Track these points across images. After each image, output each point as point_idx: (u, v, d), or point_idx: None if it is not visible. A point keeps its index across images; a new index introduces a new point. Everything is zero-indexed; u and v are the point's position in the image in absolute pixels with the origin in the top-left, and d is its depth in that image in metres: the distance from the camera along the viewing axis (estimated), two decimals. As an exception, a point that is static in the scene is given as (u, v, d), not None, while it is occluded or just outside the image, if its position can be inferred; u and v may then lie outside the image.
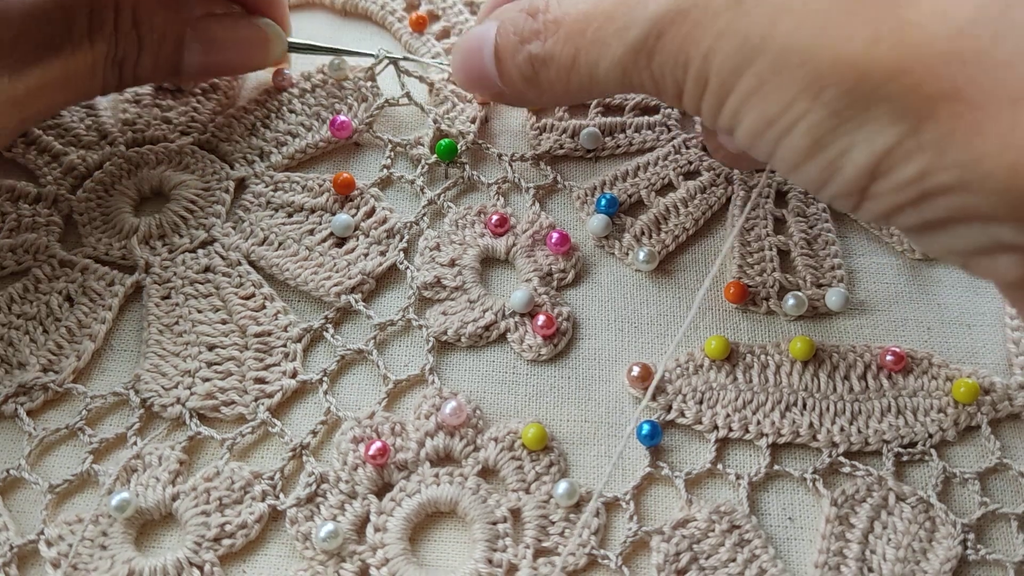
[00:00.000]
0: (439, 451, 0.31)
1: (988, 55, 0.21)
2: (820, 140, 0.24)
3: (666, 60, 0.27)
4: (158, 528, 0.30)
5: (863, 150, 0.24)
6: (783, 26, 0.24)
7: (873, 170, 0.24)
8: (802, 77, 0.24)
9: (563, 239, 0.35)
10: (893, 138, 0.23)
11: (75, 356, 0.33)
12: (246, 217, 0.36)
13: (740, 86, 0.25)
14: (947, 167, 0.22)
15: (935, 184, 0.23)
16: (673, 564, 0.29)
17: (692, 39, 0.26)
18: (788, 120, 0.24)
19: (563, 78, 0.30)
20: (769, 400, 0.32)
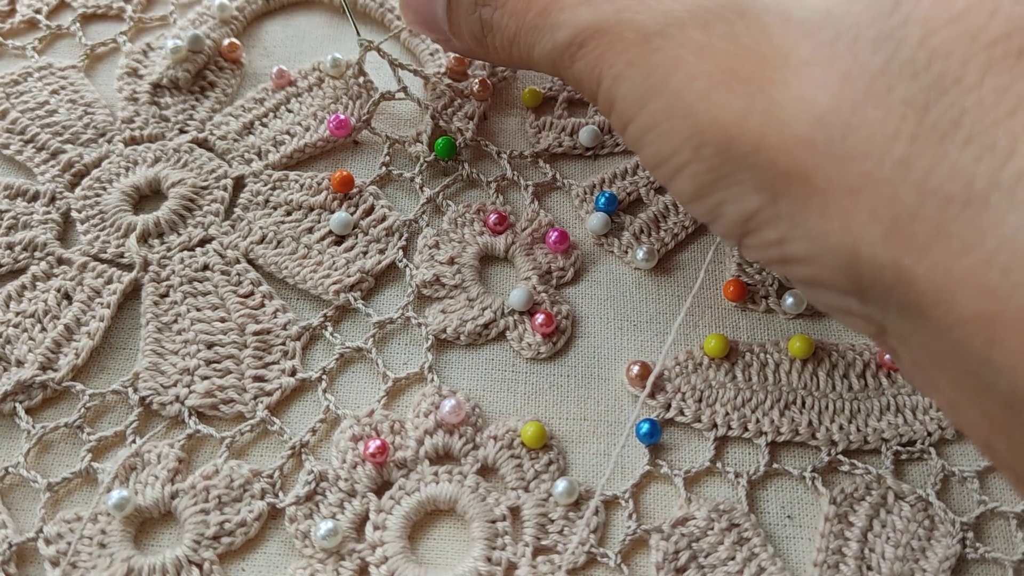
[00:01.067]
0: (438, 449, 0.31)
1: (836, 145, 0.22)
2: (701, 189, 0.26)
3: (583, 69, 0.28)
4: (157, 526, 0.30)
5: (734, 207, 0.25)
6: (676, 77, 0.25)
7: (744, 225, 0.25)
8: (686, 128, 0.25)
9: (562, 237, 0.35)
10: (756, 203, 0.24)
11: (73, 354, 0.33)
12: (244, 215, 0.36)
13: (639, 119, 0.27)
14: (799, 239, 0.24)
15: (790, 252, 0.24)
16: (672, 562, 0.29)
17: (606, 59, 0.27)
18: (675, 164, 0.26)
19: (506, 48, 0.31)
20: (768, 398, 0.32)
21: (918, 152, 0.21)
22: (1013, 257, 0.20)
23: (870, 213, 0.22)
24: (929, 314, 0.21)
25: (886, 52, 0.22)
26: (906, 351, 0.24)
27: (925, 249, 0.21)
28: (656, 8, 0.26)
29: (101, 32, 0.41)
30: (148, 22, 0.42)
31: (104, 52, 0.41)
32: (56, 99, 0.39)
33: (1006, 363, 0.20)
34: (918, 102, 0.22)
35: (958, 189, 0.21)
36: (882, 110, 0.22)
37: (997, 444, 0.23)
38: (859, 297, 0.23)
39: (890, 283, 0.22)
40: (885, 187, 0.22)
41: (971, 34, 0.22)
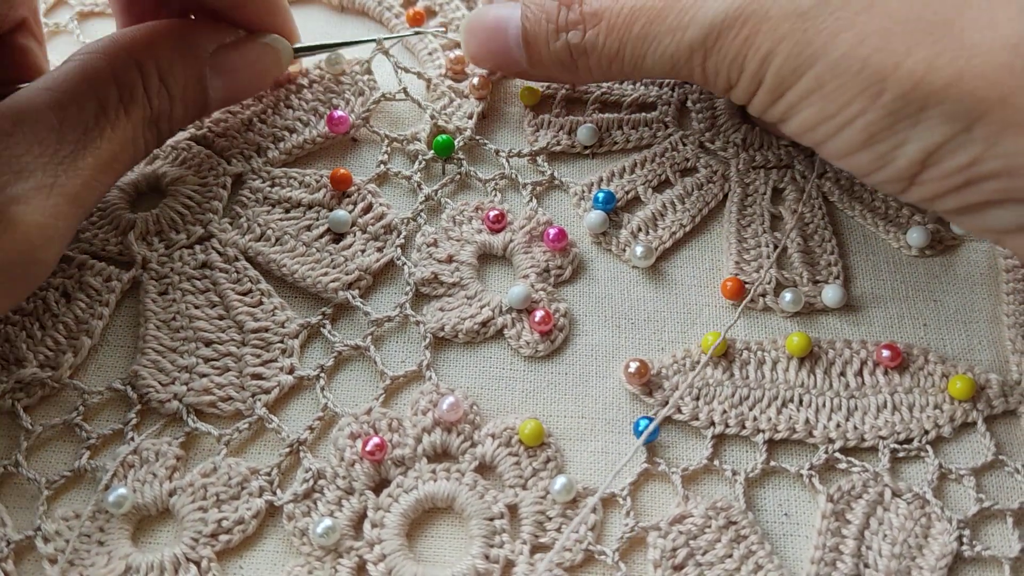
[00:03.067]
0: (436, 447, 0.31)
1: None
2: (875, 136, 0.28)
3: (721, 60, 0.30)
4: (155, 524, 0.30)
5: (915, 145, 0.27)
6: (844, 38, 0.27)
7: (924, 160, 0.28)
8: (861, 82, 0.27)
9: (560, 235, 0.35)
10: (946, 134, 0.27)
11: (72, 352, 0.33)
12: (243, 213, 0.36)
13: (799, 85, 0.29)
14: (996, 156, 0.26)
15: (983, 171, 0.27)
16: (670, 560, 0.29)
17: (750, 43, 0.29)
18: (845, 117, 0.28)
19: (603, 66, 0.33)
20: (765, 396, 0.32)
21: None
22: None
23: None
24: None
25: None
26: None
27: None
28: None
29: (99, 30, 0.41)
30: (146, 20, 0.42)
31: (102, 50, 0.41)
32: (54, 97, 0.39)
33: None
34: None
35: None
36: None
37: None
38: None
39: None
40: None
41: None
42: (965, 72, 0.26)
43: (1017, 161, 0.26)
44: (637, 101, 0.39)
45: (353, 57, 0.39)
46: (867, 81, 0.27)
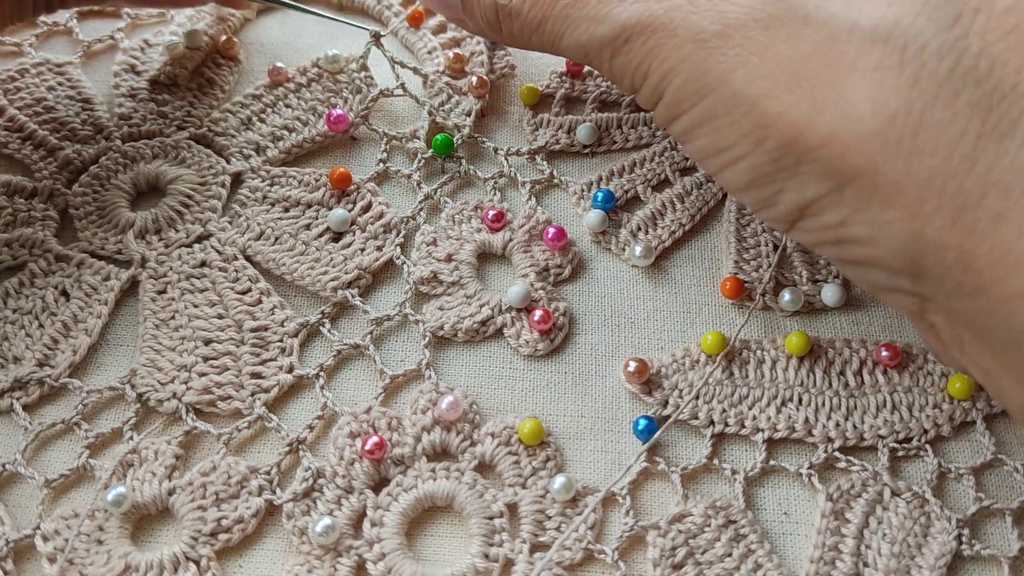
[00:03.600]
0: (436, 446, 0.31)
1: (907, 142, 0.25)
2: (758, 179, 0.28)
3: (627, 62, 0.30)
4: (154, 523, 0.30)
5: (793, 195, 0.27)
6: (738, 75, 0.27)
7: (801, 211, 0.27)
8: (748, 124, 0.27)
9: (559, 234, 0.35)
10: (820, 191, 0.26)
11: (71, 351, 0.33)
12: (242, 212, 0.36)
13: (692, 113, 0.28)
14: (862, 222, 0.26)
15: (851, 233, 0.26)
16: (669, 559, 0.29)
17: (655, 54, 0.29)
18: (732, 156, 0.28)
19: (525, 35, 0.33)
20: (765, 395, 0.32)
21: (982, 148, 0.24)
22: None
23: (937, 202, 0.24)
24: (985, 290, 0.24)
25: (951, 61, 0.24)
26: (948, 326, 0.26)
27: (987, 233, 0.24)
28: (711, 10, 0.28)
29: (98, 28, 0.41)
30: (145, 18, 0.42)
31: (101, 48, 0.41)
32: (54, 95, 0.39)
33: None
34: (982, 105, 0.24)
35: (1019, 180, 0.23)
36: (950, 111, 0.24)
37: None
38: (912, 276, 0.26)
39: (950, 263, 0.25)
40: (952, 179, 0.24)
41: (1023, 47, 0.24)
42: (840, 134, 0.25)
43: (882, 231, 0.25)
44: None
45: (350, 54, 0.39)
46: (753, 124, 0.27)
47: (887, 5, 0.26)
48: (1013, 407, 0.26)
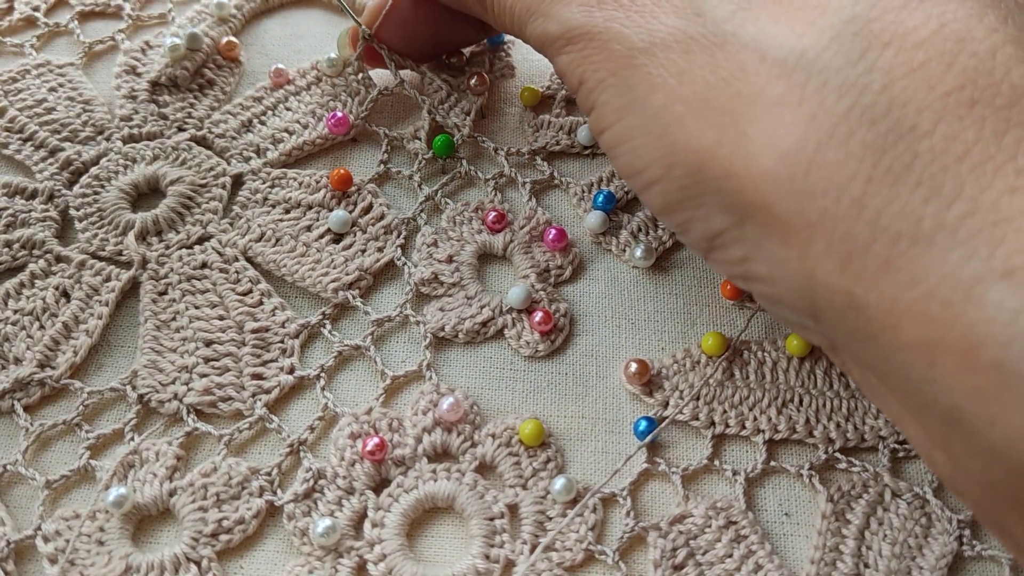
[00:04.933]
0: (436, 447, 0.31)
1: (797, 182, 0.24)
2: (669, 205, 0.27)
3: (568, 64, 0.29)
4: (155, 524, 0.30)
5: (701, 225, 0.27)
6: (656, 97, 0.26)
7: (710, 242, 0.27)
8: (660, 148, 0.26)
9: (560, 235, 0.35)
10: (722, 224, 0.26)
11: (72, 352, 0.33)
12: (243, 213, 0.36)
13: (615, 129, 0.28)
14: (761, 260, 0.25)
15: (753, 271, 0.26)
16: (670, 560, 0.29)
17: (591, 62, 0.28)
18: (646, 179, 0.27)
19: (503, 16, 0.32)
20: (766, 396, 0.32)
21: (872, 192, 0.23)
22: (953, 291, 0.22)
23: (826, 245, 0.23)
24: (877, 338, 0.23)
25: (850, 98, 0.23)
26: (856, 367, 0.26)
27: (875, 281, 0.23)
28: (643, 26, 0.27)
29: (99, 30, 0.41)
30: (146, 20, 0.42)
31: (102, 50, 0.41)
32: (54, 97, 0.39)
33: (944, 384, 0.22)
34: (876, 146, 0.23)
35: (907, 228, 0.22)
36: (842, 152, 0.23)
37: (938, 457, 0.24)
38: (813, 317, 0.25)
39: (842, 308, 0.24)
40: (841, 223, 0.23)
41: (929, 84, 0.23)
42: (737, 169, 0.25)
43: (780, 270, 0.25)
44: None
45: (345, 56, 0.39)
46: (664, 150, 0.26)
47: (798, 36, 0.25)
48: (921, 453, 0.25)
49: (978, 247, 0.22)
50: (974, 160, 0.22)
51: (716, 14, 0.26)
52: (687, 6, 0.27)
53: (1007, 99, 0.23)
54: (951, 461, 0.23)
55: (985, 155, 0.22)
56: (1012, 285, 0.21)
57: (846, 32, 0.24)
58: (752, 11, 0.26)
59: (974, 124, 0.23)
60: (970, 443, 0.22)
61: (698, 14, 0.26)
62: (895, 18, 0.24)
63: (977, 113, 0.23)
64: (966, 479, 0.23)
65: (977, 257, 0.21)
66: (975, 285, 0.21)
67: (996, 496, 0.22)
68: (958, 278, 0.22)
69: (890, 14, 0.24)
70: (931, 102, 0.23)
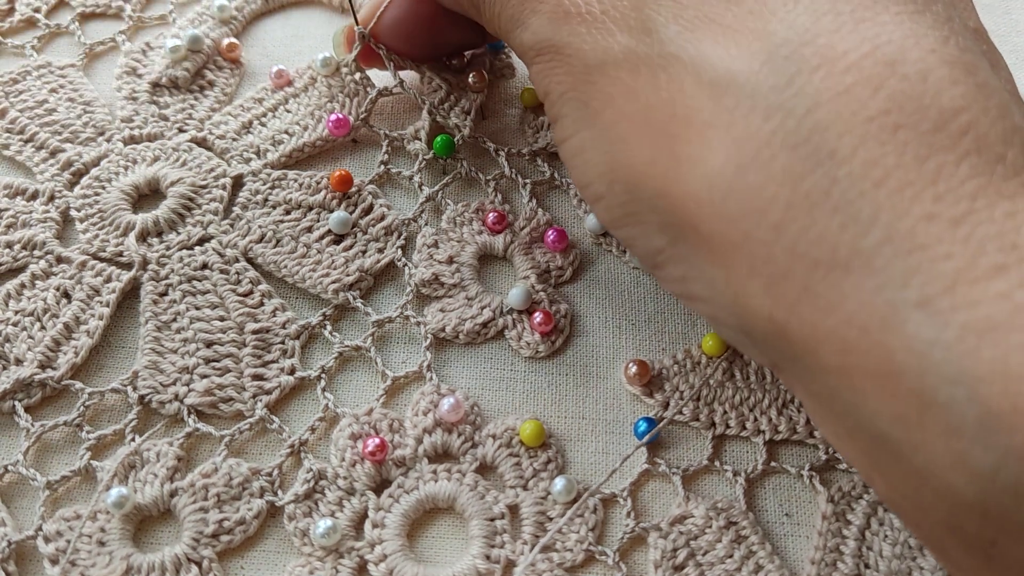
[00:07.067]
0: (437, 448, 0.31)
1: (719, 205, 0.24)
2: (614, 221, 0.27)
3: (536, 75, 0.29)
4: (156, 524, 0.30)
5: (642, 243, 0.27)
6: (606, 114, 0.27)
7: (652, 259, 0.27)
8: (603, 164, 0.27)
9: (561, 236, 0.35)
10: (661, 243, 0.26)
11: (73, 352, 0.33)
12: (243, 214, 0.36)
13: (571, 141, 0.28)
14: (696, 279, 0.25)
15: (691, 290, 0.26)
16: (670, 560, 0.29)
17: (555, 75, 0.28)
18: (592, 193, 0.28)
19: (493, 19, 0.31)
20: (766, 397, 0.32)
21: (791, 218, 0.23)
22: (870, 318, 0.22)
23: (749, 268, 0.24)
24: (802, 360, 0.23)
25: (775, 122, 0.23)
26: (796, 390, 0.26)
27: (795, 306, 0.23)
28: (599, 43, 0.27)
29: (100, 31, 0.41)
30: (147, 21, 0.42)
31: (103, 51, 0.41)
32: (55, 98, 0.39)
33: (867, 409, 0.22)
34: (796, 171, 0.23)
35: (824, 254, 0.22)
36: (763, 176, 0.23)
37: (875, 478, 0.24)
38: (748, 337, 0.25)
39: (768, 332, 0.24)
40: (761, 247, 0.23)
41: (852, 109, 0.23)
42: (668, 189, 0.25)
43: (711, 290, 0.25)
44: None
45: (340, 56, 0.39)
46: (607, 166, 0.26)
47: (732, 58, 0.25)
48: (863, 475, 0.25)
49: (893, 275, 0.21)
50: (892, 186, 0.22)
51: (663, 34, 0.26)
52: (639, 26, 0.27)
53: (933, 124, 0.22)
54: (886, 483, 0.23)
55: (904, 181, 0.22)
56: (927, 315, 0.21)
57: (778, 55, 0.24)
58: (696, 33, 0.26)
59: (895, 149, 0.22)
60: (900, 467, 0.22)
61: (647, 33, 0.26)
62: (828, 41, 0.24)
63: (900, 138, 0.22)
64: (903, 501, 0.23)
65: (892, 285, 0.21)
66: (891, 314, 0.21)
67: (931, 520, 0.22)
68: (874, 306, 0.22)
69: (823, 37, 0.24)
70: (853, 127, 0.23)
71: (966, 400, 0.20)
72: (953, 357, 0.20)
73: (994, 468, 0.20)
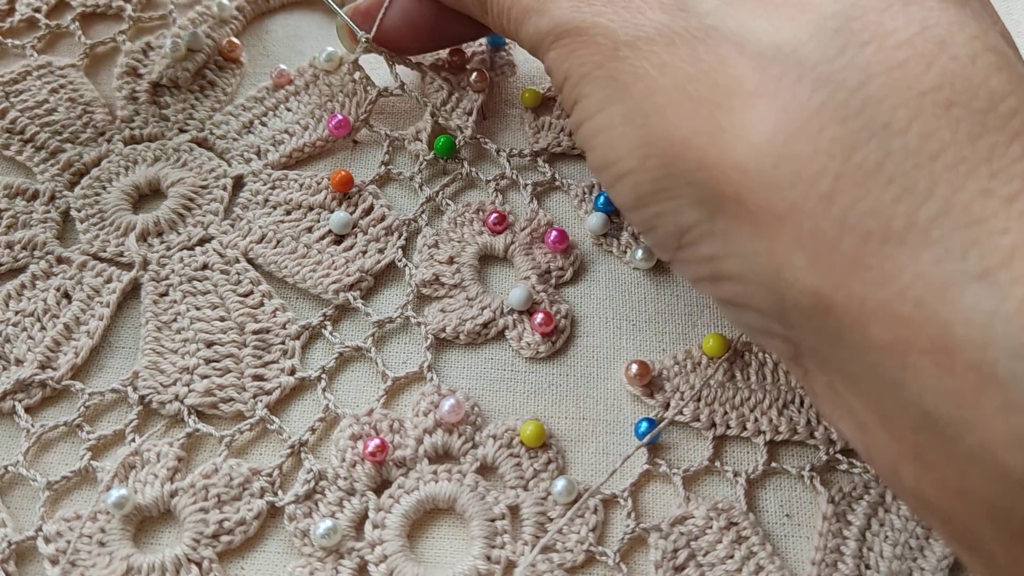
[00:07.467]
0: (437, 448, 0.31)
1: (766, 174, 0.23)
2: (641, 199, 0.27)
3: (555, 60, 0.29)
4: (156, 525, 0.30)
5: (671, 219, 0.26)
6: (638, 87, 0.26)
7: (679, 238, 0.26)
8: (638, 137, 0.26)
9: (561, 237, 0.35)
10: (694, 218, 0.25)
11: (73, 353, 0.33)
12: (244, 215, 0.36)
13: (596, 119, 0.27)
14: (731, 256, 0.25)
15: (722, 269, 0.25)
16: (671, 561, 0.29)
17: (576, 57, 0.28)
18: (619, 169, 0.27)
19: (500, 18, 0.31)
20: (767, 397, 0.32)
21: (841, 189, 0.22)
22: (926, 291, 0.21)
23: (794, 240, 0.23)
24: (846, 338, 0.23)
25: (824, 93, 0.23)
26: (821, 373, 0.25)
27: (844, 279, 0.22)
28: (628, 20, 0.27)
29: (100, 31, 0.41)
30: (148, 21, 0.42)
31: (103, 51, 0.41)
32: (55, 98, 0.39)
33: (917, 387, 0.22)
34: (847, 142, 0.23)
35: (877, 226, 0.22)
36: (812, 146, 0.23)
37: (904, 468, 0.23)
38: (780, 318, 0.24)
39: (809, 308, 0.23)
40: (808, 218, 0.23)
41: (906, 83, 0.23)
42: (710, 159, 0.24)
43: (750, 267, 0.24)
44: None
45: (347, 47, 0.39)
46: (642, 139, 0.26)
47: (777, 30, 0.25)
48: (884, 469, 0.25)
49: (951, 247, 0.21)
50: (948, 160, 0.22)
51: (700, 9, 0.26)
52: (673, 2, 0.27)
53: (984, 103, 0.23)
54: (922, 471, 0.23)
55: (959, 156, 0.22)
56: (987, 286, 0.21)
57: (826, 28, 0.24)
58: (735, 6, 0.26)
59: (949, 125, 0.22)
60: (945, 449, 0.22)
61: (682, 9, 0.26)
62: (877, 18, 0.24)
63: (953, 114, 0.22)
64: (938, 490, 0.23)
65: (950, 257, 0.21)
66: (949, 286, 0.21)
67: (972, 507, 0.22)
68: (931, 278, 0.21)
69: (872, 14, 0.24)
70: (907, 100, 0.23)
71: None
72: (1015, 330, 0.20)
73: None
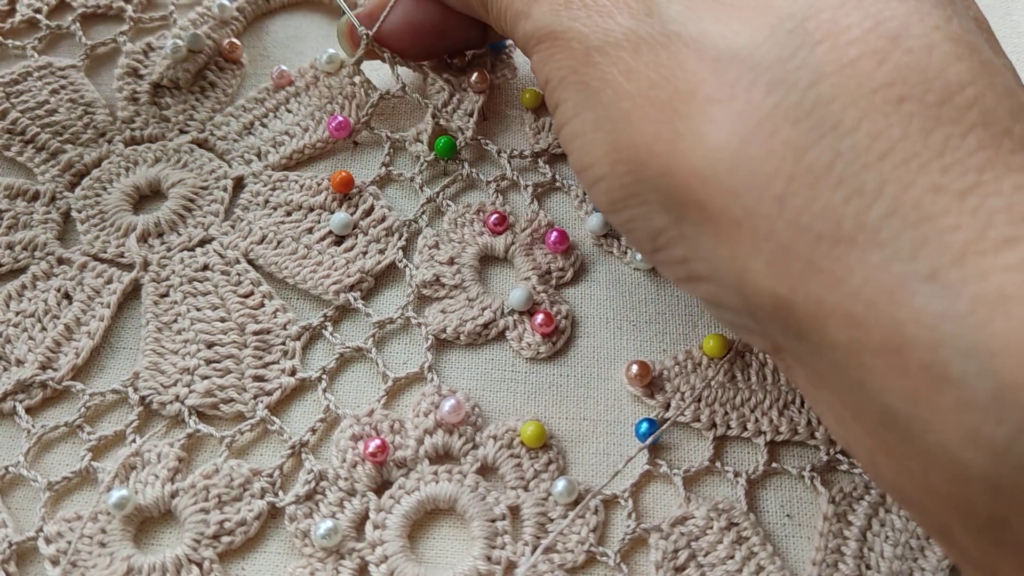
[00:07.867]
0: (438, 449, 0.31)
1: (722, 179, 0.23)
2: (614, 203, 0.27)
3: (537, 63, 0.29)
4: (157, 525, 0.30)
5: (643, 224, 0.26)
6: (607, 93, 0.26)
7: (653, 241, 0.27)
8: (606, 143, 0.26)
9: (562, 237, 0.35)
10: (663, 223, 0.26)
11: (73, 353, 0.33)
12: (244, 216, 0.36)
13: (571, 124, 0.28)
14: (700, 259, 0.25)
15: (694, 271, 0.26)
16: (671, 561, 0.29)
17: (555, 61, 0.28)
18: (593, 175, 0.27)
19: (499, 16, 0.31)
20: (767, 398, 0.32)
21: (793, 191, 0.22)
22: (876, 292, 0.21)
23: (752, 244, 0.23)
24: (809, 338, 0.23)
25: (778, 95, 0.23)
26: (800, 368, 0.25)
27: (800, 281, 0.22)
28: (600, 25, 0.27)
29: (101, 32, 0.41)
30: (148, 22, 0.42)
31: (104, 52, 0.41)
32: (56, 99, 0.39)
33: (876, 385, 0.22)
34: (798, 144, 0.23)
35: (828, 228, 0.22)
36: (765, 149, 0.23)
37: (880, 461, 0.24)
38: (751, 317, 0.25)
39: (772, 309, 0.23)
40: (763, 222, 0.23)
41: (857, 81, 0.23)
42: (672, 166, 0.24)
43: (716, 269, 0.24)
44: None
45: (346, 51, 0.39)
46: (610, 145, 0.26)
47: (735, 33, 0.25)
48: (864, 462, 0.25)
49: (900, 247, 0.21)
50: (897, 158, 0.22)
51: (665, 14, 0.26)
52: (641, 7, 0.27)
53: (939, 96, 0.22)
54: (894, 464, 0.23)
55: (910, 153, 0.22)
56: (936, 287, 0.21)
57: (782, 29, 0.24)
58: (698, 11, 0.26)
59: (900, 121, 0.22)
60: (908, 446, 0.22)
61: (649, 15, 0.27)
62: (831, 16, 0.24)
63: (905, 110, 0.22)
64: (910, 483, 0.23)
65: (900, 258, 0.21)
66: (898, 287, 0.21)
67: (940, 502, 0.22)
68: (881, 279, 0.21)
69: (826, 12, 0.24)
70: (857, 99, 0.22)
71: (979, 373, 0.20)
72: (965, 330, 0.20)
73: (1007, 442, 0.20)
